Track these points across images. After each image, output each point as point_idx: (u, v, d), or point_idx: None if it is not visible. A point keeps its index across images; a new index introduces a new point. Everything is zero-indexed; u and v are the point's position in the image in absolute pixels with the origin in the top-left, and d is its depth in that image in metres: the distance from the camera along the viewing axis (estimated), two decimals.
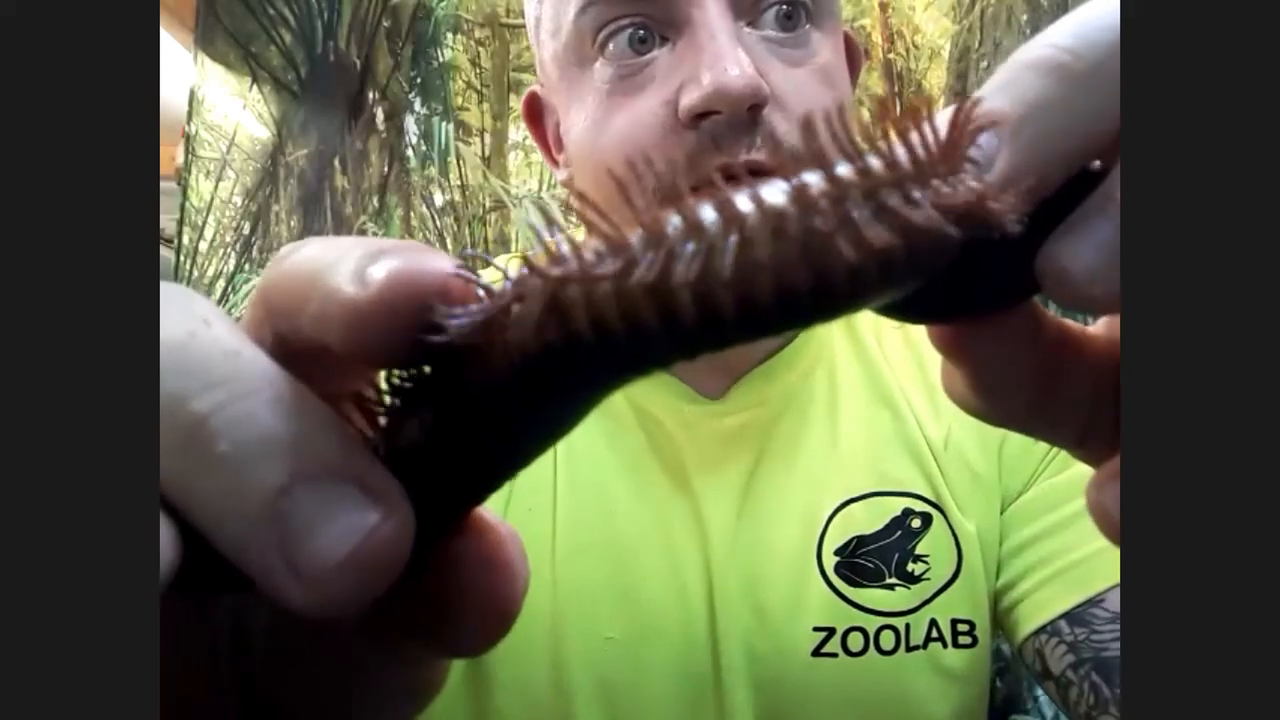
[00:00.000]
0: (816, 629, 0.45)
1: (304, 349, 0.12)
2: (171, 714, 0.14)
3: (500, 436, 0.13)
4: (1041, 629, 0.45)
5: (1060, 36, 0.14)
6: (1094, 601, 0.44)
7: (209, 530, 0.11)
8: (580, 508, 0.47)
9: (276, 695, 0.16)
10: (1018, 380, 0.17)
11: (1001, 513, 0.49)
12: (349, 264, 0.12)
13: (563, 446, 0.47)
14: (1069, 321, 0.18)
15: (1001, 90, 0.14)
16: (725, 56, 0.38)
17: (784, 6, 0.42)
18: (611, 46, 0.42)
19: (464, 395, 0.12)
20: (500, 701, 0.45)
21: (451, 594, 0.14)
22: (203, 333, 0.12)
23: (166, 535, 0.11)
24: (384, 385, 0.13)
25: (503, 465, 0.13)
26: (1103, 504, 0.15)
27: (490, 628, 0.14)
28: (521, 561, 0.14)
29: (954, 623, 0.46)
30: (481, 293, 0.12)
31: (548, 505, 0.47)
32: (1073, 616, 0.44)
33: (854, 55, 0.49)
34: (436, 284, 0.11)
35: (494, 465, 0.13)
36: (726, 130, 0.39)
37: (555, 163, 0.51)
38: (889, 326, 0.51)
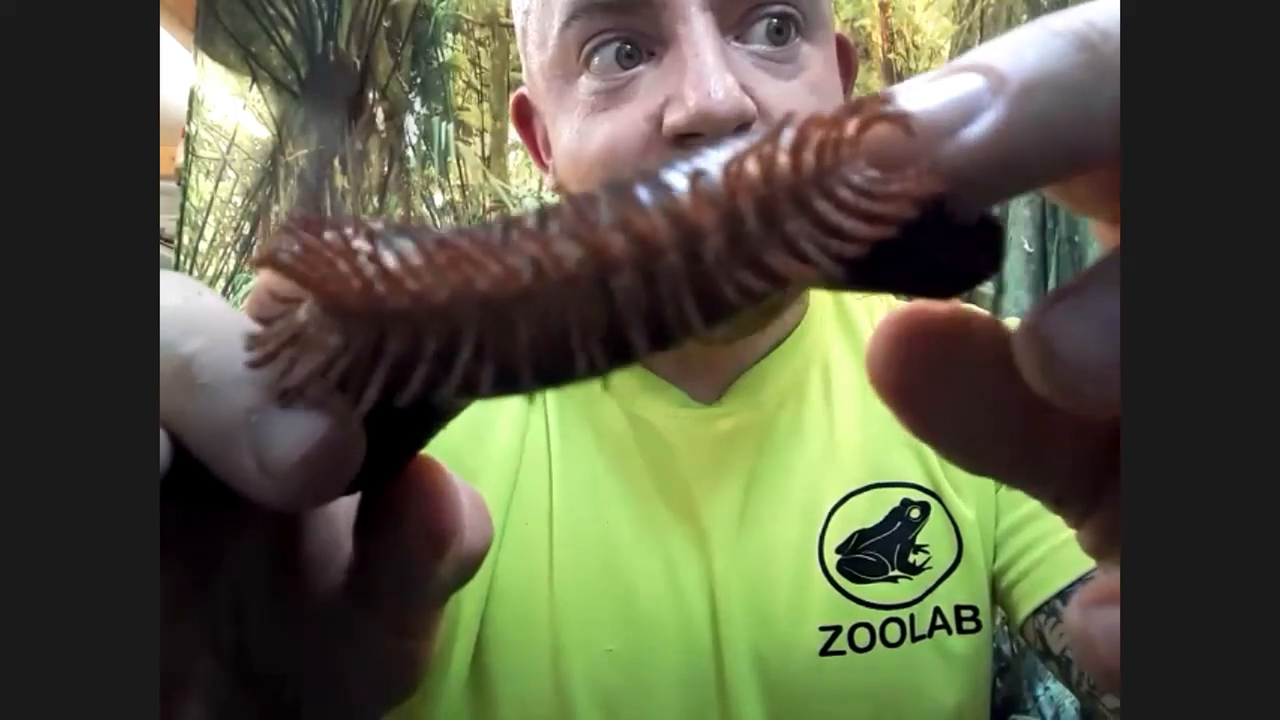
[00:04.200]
0: (823, 628, 0.45)
1: None
2: (169, 684, 0.16)
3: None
4: (1039, 609, 0.46)
5: (1097, 15, 0.12)
6: (1087, 579, 0.44)
7: (195, 444, 0.13)
8: (576, 520, 0.46)
9: (271, 667, 0.18)
10: (1000, 432, 0.14)
11: (995, 494, 0.49)
12: None
13: (558, 460, 0.47)
14: None
15: (1017, 49, 0.12)
16: (710, 77, 0.38)
17: (773, 20, 0.41)
18: (596, 60, 0.41)
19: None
20: (503, 716, 0.45)
21: (400, 520, 0.17)
22: (195, 300, 0.14)
23: (161, 447, 0.13)
24: None
25: (429, 420, 0.16)
26: (1087, 630, 0.12)
27: (432, 549, 0.16)
28: (469, 498, 0.17)
29: (957, 609, 0.46)
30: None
31: (543, 519, 0.46)
32: (1067, 595, 0.45)
33: (848, 58, 0.49)
34: None
35: (421, 419, 0.16)
36: None
37: (544, 166, 0.50)
38: (883, 317, 0.51)
